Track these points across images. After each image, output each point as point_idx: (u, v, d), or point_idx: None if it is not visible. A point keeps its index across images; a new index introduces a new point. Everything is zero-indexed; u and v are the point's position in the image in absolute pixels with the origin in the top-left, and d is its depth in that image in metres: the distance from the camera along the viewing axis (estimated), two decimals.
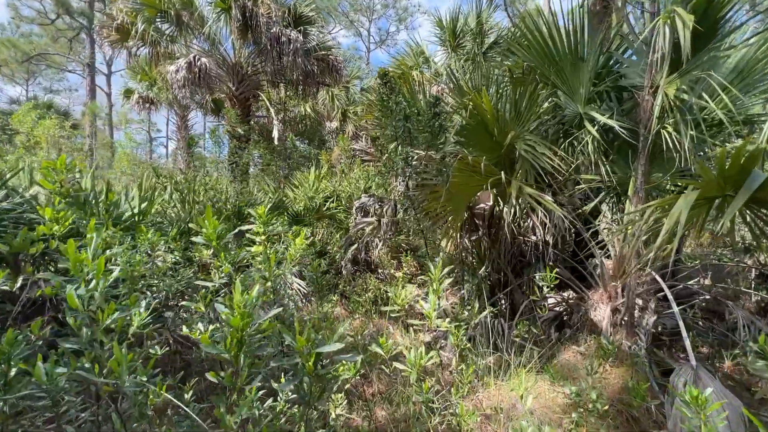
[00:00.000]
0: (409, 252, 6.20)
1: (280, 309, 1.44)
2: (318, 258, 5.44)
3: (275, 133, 7.31)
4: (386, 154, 3.20)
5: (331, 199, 5.87)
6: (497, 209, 3.99)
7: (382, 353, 1.69)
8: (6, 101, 16.64)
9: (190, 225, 4.26)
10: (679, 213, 1.92)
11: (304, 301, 4.83)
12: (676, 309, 2.83)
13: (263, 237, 1.63)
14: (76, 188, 3.13)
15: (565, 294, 4.43)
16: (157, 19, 7.10)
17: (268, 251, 1.61)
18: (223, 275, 1.55)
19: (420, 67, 7.71)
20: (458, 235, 3.51)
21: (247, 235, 1.77)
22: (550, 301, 4.55)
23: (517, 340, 3.82)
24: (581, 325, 3.93)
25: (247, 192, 5.76)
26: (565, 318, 4.44)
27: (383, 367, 2.55)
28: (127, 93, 12.81)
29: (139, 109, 12.02)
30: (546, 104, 3.91)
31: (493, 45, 7.05)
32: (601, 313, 3.61)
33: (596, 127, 3.29)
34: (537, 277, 4.69)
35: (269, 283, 1.56)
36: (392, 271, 5.84)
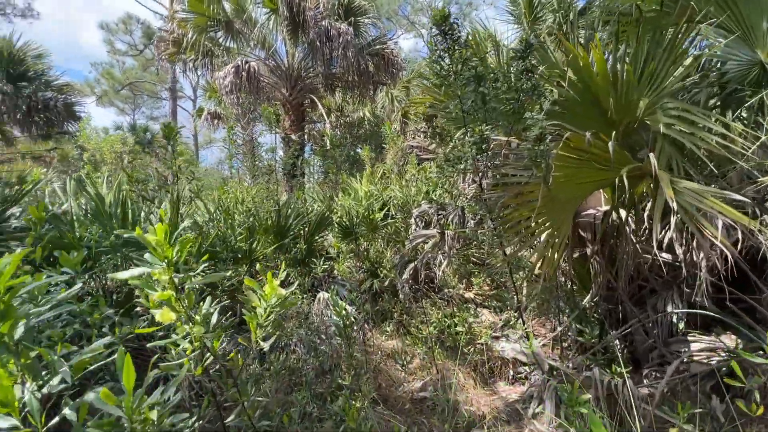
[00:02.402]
0: (481, 269, 5.09)
1: None
2: (370, 278, 4.61)
3: (327, 141, 6.76)
4: (450, 143, 2.26)
5: (387, 208, 5.03)
6: (614, 217, 2.78)
7: None
8: (112, 127, 18.97)
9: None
10: None
11: (351, 331, 4.00)
12: None
13: (169, 290, 0.78)
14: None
15: (726, 340, 3.01)
16: (210, 29, 7.00)
17: (189, 323, 0.78)
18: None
19: (488, 53, 6.61)
20: (560, 254, 2.40)
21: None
22: (695, 347, 3.13)
23: (649, 408, 2.57)
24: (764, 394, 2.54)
25: (294, 201, 5.17)
26: (723, 375, 3.03)
27: None
28: (199, 112, 13.47)
29: (209, 125, 12.46)
30: (690, 58, 2.65)
31: (583, 13, 5.72)
32: None
33: None
34: (669, 310, 3.31)
35: None
36: (460, 292, 4.79)
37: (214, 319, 0.86)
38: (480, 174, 2.08)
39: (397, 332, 4.16)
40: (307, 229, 4.67)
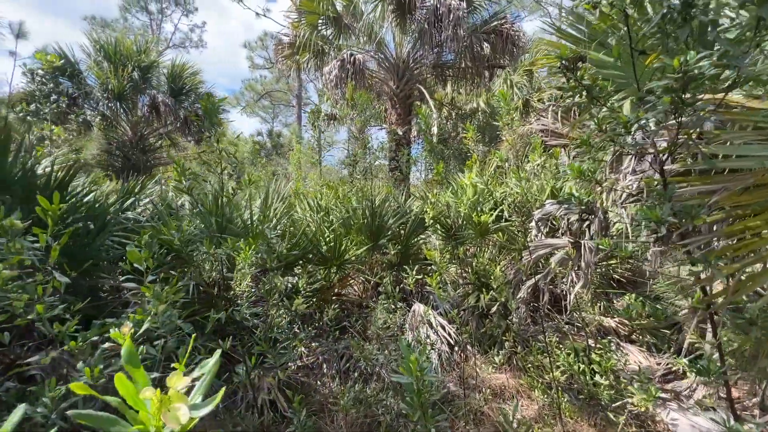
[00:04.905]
0: (629, 293, 3.82)
1: None
2: (476, 293, 3.83)
3: (434, 130, 6.15)
4: (602, 108, 1.43)
5: (500, 208, 4.16)
6: None
7: None
8: (255, 132, 22.17)
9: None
10: None
11: (450, 354, 3.32)
12: None
13: None
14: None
15: None
16: (320, 27, 7.09)
17: None
18: None
19: None
20: None
21: None
22: None
23: None
24: None
25: (395, 198, 4.71)
26: None
27: None
28: (317, 113, 14.35)
29: (325, 126, 13.14)
30: None
31: None
32: None
33: None
34: None
35: None
36: (597, 318, 3.64)
37: None
38: (666, 153, 1.21)
39: (507, 364, 3.31)
40: (404, 230, 4.15)
